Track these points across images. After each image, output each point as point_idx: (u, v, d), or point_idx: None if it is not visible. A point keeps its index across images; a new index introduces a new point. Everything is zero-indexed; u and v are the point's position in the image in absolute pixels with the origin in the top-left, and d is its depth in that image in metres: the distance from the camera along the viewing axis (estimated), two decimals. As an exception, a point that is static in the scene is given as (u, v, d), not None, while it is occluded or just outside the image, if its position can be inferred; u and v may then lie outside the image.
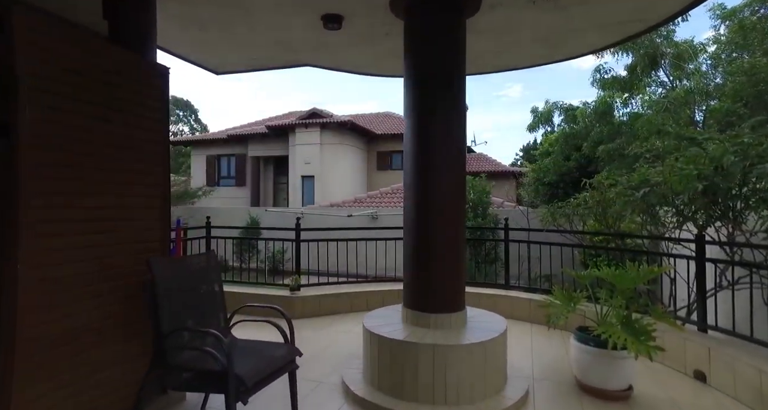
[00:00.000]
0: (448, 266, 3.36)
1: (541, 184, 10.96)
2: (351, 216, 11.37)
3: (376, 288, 6.00)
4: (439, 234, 3.33)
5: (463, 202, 3.57)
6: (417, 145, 3.41)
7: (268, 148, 20.51)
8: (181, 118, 44.58)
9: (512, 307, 5.38)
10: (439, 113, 3.35)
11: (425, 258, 3.36)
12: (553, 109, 10.62)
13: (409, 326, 3.34)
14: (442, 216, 3.34)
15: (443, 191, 3.35)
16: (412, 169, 3.42)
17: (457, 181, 3.41)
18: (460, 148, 3.48)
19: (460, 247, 3.44)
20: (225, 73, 5.28)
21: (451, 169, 3.37)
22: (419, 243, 3.39)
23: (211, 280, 2.81)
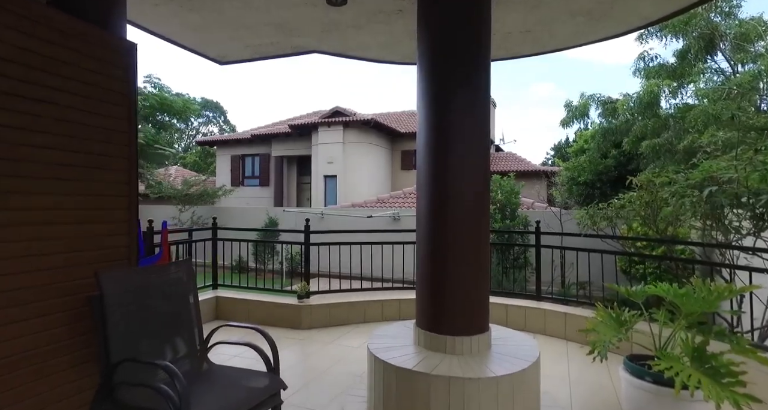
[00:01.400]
0: (467, 280, 2.82)
1: (575, 184, 10.13)
2: (371, 217, 10.90)
3: (393, 296, 5.48)
4: (458, 243, 2.79)
5: (487, 204, 3.02)
6: (432, 140, 2.89)
7: (291, 147, 20.35)
8: (210, 119, 45.50)
9: (545, 322, 4.75)
10: (458, 101, 2.82)
11: (440, 270, 2.83)
12: (590, 102, 9.73)
13: (421, 350, 2.82)
14: (460, 222, 2.80)
15: (462, 192, 2.82)
16: (426, 167, 2.91)
17: (478, 180, 2.86)
18: (483, 144, 2.93)
19: (482, 257, 2.88)
20: (229, 63, 4.90)
21: (472, 167, 2.84)
22: (433, 253, 2.86)
23: (185, 295, 2.38)
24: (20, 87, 1.92)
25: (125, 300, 2.03)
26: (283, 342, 4.50)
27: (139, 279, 2.16)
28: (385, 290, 5.71)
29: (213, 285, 5.69)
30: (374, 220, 10.94)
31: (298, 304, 5.03)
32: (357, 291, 5.68)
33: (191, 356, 2.32)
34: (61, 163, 2.09)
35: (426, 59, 2.95)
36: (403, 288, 5.72)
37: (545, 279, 5.50)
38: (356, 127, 18.29)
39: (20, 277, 1.93)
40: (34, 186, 1.99)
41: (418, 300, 3.03)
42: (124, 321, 1.99)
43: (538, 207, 11.35)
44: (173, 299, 2.31)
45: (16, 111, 1.91)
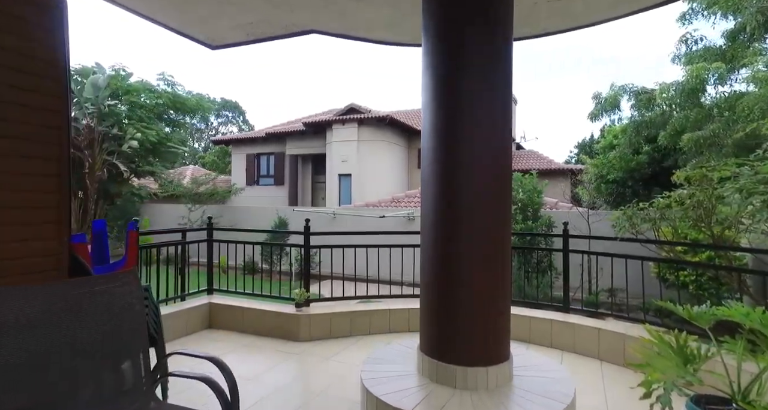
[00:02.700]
0: (484, 295, 2.27)
1: (603, 182, 9.35)
2: (384, 217, 10.38)
3: (401, 305, 4.94)
4: (473, 249, 2.25)
5: (508, 202, 2.46)
6: (439, 125, 2.35)
7: (306, 145, 20.02)
8: (230, 119, 45.86)
9: (574, 338, 4.13)
10: (474, 82, 2.28)
11: (449, 283, 2.29)
12: (621, 93, 8.91)
13: (425, 383, 2.28)
14: (476, 223, 2.25)
15: (476, 186, 2.27)
16: (431, 161, 2.38)
17: (497, 173, 2.31)
18: (503, 133, 2.38)
19: (503, 267, 2.33)
20: (221, 47, 4.46)
21: (490, 158, 2.29)
22: (441, 261, 2.33)
23: (126, 315, 1.90)
24: None
25: (24, 325, 1.56)
26: (276, 357, 4.03)
27: (53, 297, 1.69)
28: (393, 298, 5.18)
29: (208, 290, 5.27)
30: (387, 221, 10.42)
31: (296, 313, 4.54)
32: (362, 299, 5.17)
33: (132, 392, 1.85)
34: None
35: (433, 34, 2.42)
36: (413, 295, 5.17)
37: (571, 285, 4.88)
38: (371, 124, 17.81)
39: None
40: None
41: (423, 319, 2.49)
42: (16, 354, 1.52)
43: (563, 208, 10.62)
44: (109, 320, 1.84)
45: None
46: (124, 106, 13.78)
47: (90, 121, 12.73)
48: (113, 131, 12.89)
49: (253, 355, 4.06)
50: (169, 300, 4.82)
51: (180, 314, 4.59)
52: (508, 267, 2.45)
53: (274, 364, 3.84)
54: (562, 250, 4.70)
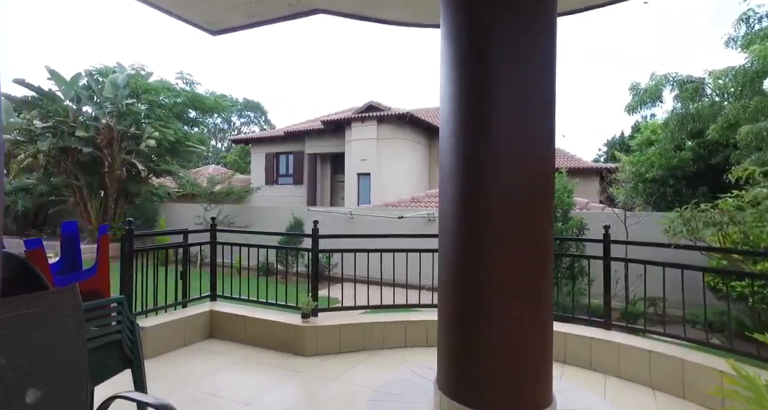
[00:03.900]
0: (519, 324, 1.78)
1: (641, 181, 8.59)
2: (402, 218, 9.91)
3: (419, 317, 4.47)
4: (502, 264, 1.76)
5: (549, 205, 1.96)
6: (461, 123, 1.88)
7: (325, 144, 19.73)
8: (252, 119, 46.31)
9: (619, 359, 3.57)
10: (503, 66, 1.80)
11: (474, 306, 1.81)
12: (663, 83, 8.09)
13: (442, 432, 1.80)
14: (508, 231, 1.77)
15: (510, 186, 1.79)
16: (452, 166, 1.91)
17: (534, 179, 1.83)
18: (543, 127, 1.90)
19: (543, 287, 1.83)
20: (222, 32, 4.09)
21: (523, 156, 1.82)
22: (464, 277, 1.85)
23: (59, 343, 1.50)
24: None
25: None
26: (277, 375, 3.62)
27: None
28: (410, 307, 4.71)
29: (211, 295, 4.92)
30: (406, 221, 9.94)
31: (302, 325, 4.13)
32: (375, 309, 4.72)
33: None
34: None
35: (454, 8, 1.95)
36: (431, 305, 4.68)
37: (600, 291, 4.31)
38: (391, 122, 17.35)
39: None
40: None
41: (441, 348, 2.02)
42: None
43: (594, 208, 9.90)
44: (36, 351, 1.44)
45: None
46: (143, 105, 13.77)
47: (109, 120, 12.74)
48: (131, 130, 12.87)
49: (252, 372, 3.67)
50: (169, 306, 4.49)
51: (178, 323, 4.24)
52: (549, 285, 1.94)
53: (274, 384, 3.44)
54: (602, 258, 4.12)
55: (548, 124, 1.94)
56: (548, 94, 1.93)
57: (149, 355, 3.89)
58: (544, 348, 1.93)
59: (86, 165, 12.99)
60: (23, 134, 13.11)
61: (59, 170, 13.31)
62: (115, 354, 2.46)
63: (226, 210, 12.36)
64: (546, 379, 1.90)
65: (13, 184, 14.29)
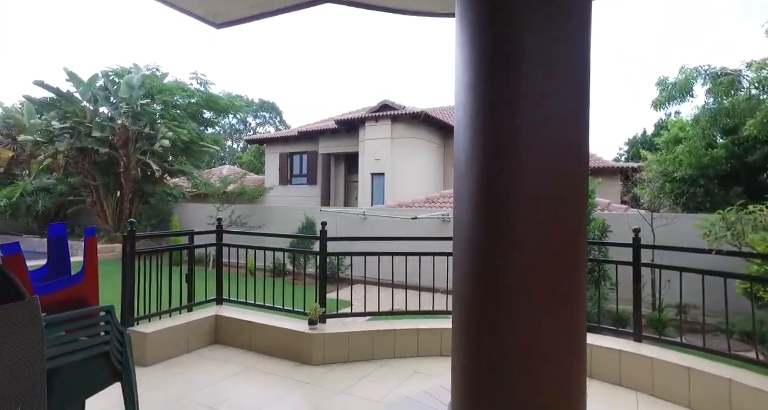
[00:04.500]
0: (544, 348, 1.53)
1: (668, 181, 8.14)
2: (416, 218, 9.65)
3: (431, 324, 4.23)
4: (525, 285, 1.51)
5: (583, 211, 1.70)
6: (479, 115, 1.64)
7: (338, 144, 19.58)
8: (267, 119, 46.64)
9: (652, 376, 3.26)
10: (530, 60, 1.55)
11: (492, 330, 1.57)
12: (694, 76, 7.60)
13: (457, 470, 1.56)
14: (526, 253, 1.52)
15: (537, 204, 1.54)
16: (468, 164, 1.68)
17: (565, 178, 1.59)
18: (575, 119, 1.65)
19: (576, 306, 1.58)
20: (226, 25, 3.92)
21: (553, 152, 1.57)
22: (481, 301, 1.61)
23: (14, 367, 1.31)
24: None
25: None
26: (282, 386, 3.42)
27: None
28: (423, 314, 4.46)
29: (217, 299, 4.76)
30: (420, 222, 9.68)
31: (309, 332, 3.92)
32: (387, 315, 4.48)
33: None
34: None
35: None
36: (445, 312, 4.43)
37: (625, 296, 4.00)
38: (405, 121, 17.08)
39: None
40: None
41: (456, 368, 1.78)
42: None
43: (616, 209, 9.47)
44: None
45: None
46: (157, 105, 13.83)
47: (125, 121, 12.82)
48: (146, 130, 12.93)
49: (256, 383, 3.48)
50: (174, 311, 4.34)
51: (181, 329, 4.09)
52: (582, 302, 1.68)
53: (278, 397, 3.24)
54: (631, 263, 3.81)
55: (582, 117, 1.68)
56: (582, 85, 1.68)
57: (150, 362, 3.75)
58: (578, 368, 1.67)
59: (102, 165, 13.11)
60: (42, 135, 13.31)
61: (77, 170, 13.47)
62: (103, 366, 2.29)
63: (238, 210, 12.28)
64: (579, 404, 1.64)
65: (34, 184, 14.54)
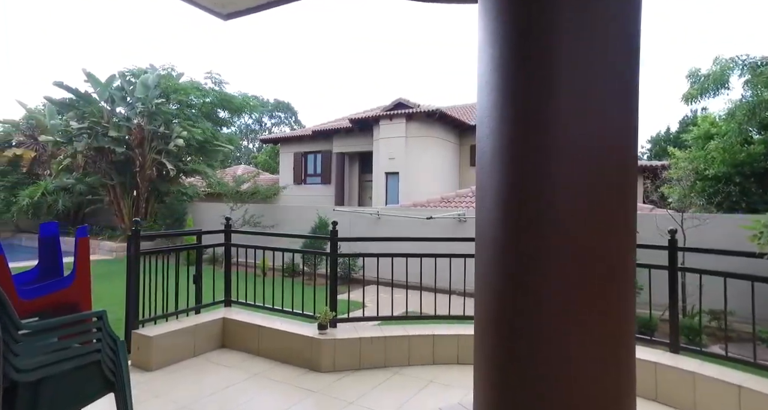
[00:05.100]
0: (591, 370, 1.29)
1: (700, 179, 7.69)
2: (431, 218, 9.39)
3: (448, 330, 3.99)
4: (564, 294, 1.28)
5: (630, 223, 1.46)
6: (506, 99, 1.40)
7: (352, 143, 19.43)
8: (282, 119, 46.92)
9: (694, 392, 2.95)
10: (568, 32, 1.31)
11: (524, 352, 1.33)
12: (730, 67, 7.10)
13: None
14: (564, 260, 1.29)
15: (578, 204, 1.31)
16: (494, 157, 1.45)
17: (611, 187, 1.35)
18: (625, 106, 1.40)
19: (617, 326, 1.34)
20: (233, 16, 3.75)
21: (602, 160, 1.34)
22: (510, 313, 1.38)
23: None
24: None
25: None
26: (289, 395, 3.23)
27: None
28: (439, 319, 4.22)
29: (225, 301, 4.61)
30: (435, 222, 9.42)
31: (318, 338, 3.72)
32: (400, 320, 4.26)
33: None
34: None
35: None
36: (463, 317, 4.18)
37: (655, 301, 3.68)
38: (420, 119, 16.82)
39: None
40: None
41: (479, 393, 1.55)
42: None
43: (641, 209, 9.04)
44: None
45: None
46: (172, 105, 13.90)
47: (140, 120, 12.90)
48: (161, 130, 12.99)
49: (262, 391, 3.30)
50: (180, 313, 4.21)
51: (188, 332, 3.94)
52: (631, 315, 1.44)
53: (284, 408, 3.04)
54: (667, 267, 3.50)
55: (630, 105, 1.43)
56: (631, 67, 1.42)
57: (155, 367, 3.61)
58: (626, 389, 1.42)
59: (119, 165, 13.23)
60: (62, 135, 13.51)
61: (95, 170, 13.63)
62: (95, 377, 2.12)
63: (252, 209, 12.23)
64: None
65: (55, 183, 14.78)
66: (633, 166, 1.41)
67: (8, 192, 15.92)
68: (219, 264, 4.79)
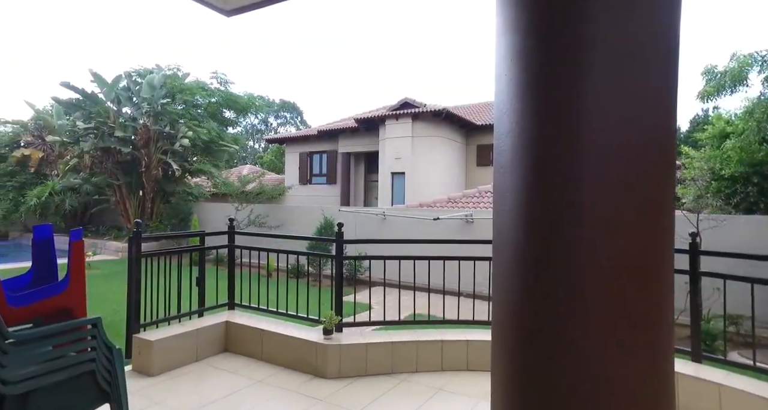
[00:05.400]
0: (629, 392, 1.16)
1: (715, 179, 7.48)
2: (438, 219, 9.26)
3: (457, 336, 3.86)
4: (596, 306, 1.15)
5: (668, 225, 1.33)
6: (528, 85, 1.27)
7: (358, 143, 19.33)
8: (288, 119, 46.97)
9: (721, 406, 2.79)
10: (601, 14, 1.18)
11: (544, 363, 1.20)
12: (749, 63, 6.88)
13: None
14: (596, 267, 1.15)
15: (609, 206, 1.18)
16: (515, 150, 1.33)
17: (646, 186, 1.22)
18: (664, 105, 1.28)
19: (655, 338, 1.21)
20: (236, 12, 3.64)
21: (636, 155, 1.21)
22: (535, 328, 1.25)
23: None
24: None
25: None
26: (293, 403, 3.12)
27: None
28: (447, 324, 4.09)
29: (228, 304, 4.52)
30: (442, 223, 9.28)
31: (323, 343, 3.61)
32: (408, 324, 4.14)
33: None
34: None
35: None
36: (472, 322, 4.05)
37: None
38: (426, 119, 16.67)
39: None
40: None
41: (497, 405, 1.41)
42: None
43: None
44: None
45: None
46: (178, 105, 13.88)
47: (146, 120, 12.89)
48: (166, 130, 12.97)
49: (266, 399, 3.19)
50: (183, 316, 4.12)
51: (190, 336, 3.84)
52: (669, 327, 1.31)
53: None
54: (688, 272, 3.34)
55: (669, 94, 1.29)
56: (671, 53, 1.29)
57: (156, 372, 3.51)
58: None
59: (125, 165, 13.23)
60: (69, 135, 13.54)
61: (101, 170, 13.65)
62: (88, 387, 2.02)
63: (257, 210, 12.16)
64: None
65: (62, 183, 14.82)
66: (672, 163, 1.27)
67: (17, 192, 16.01)
68: (224, 264, 4.70)
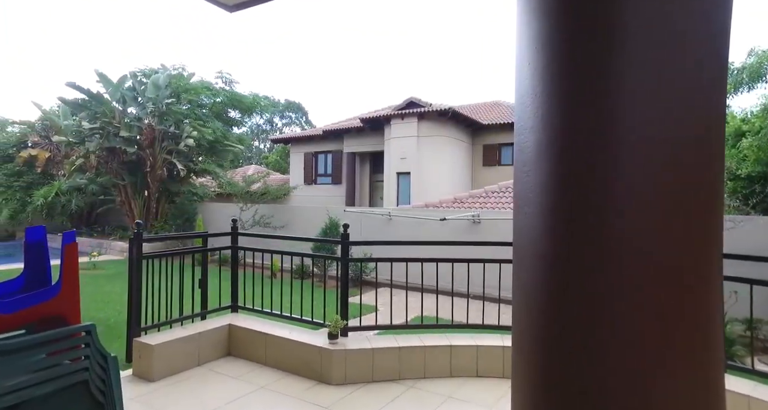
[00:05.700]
0: None
1: (732, 178, 7.29)
2: (445, 219, 9.12)
3: (466, 341, 3.73)
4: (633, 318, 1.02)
5: (715, 229, 1.20)
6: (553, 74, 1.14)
7: (363, 143, 19.22)
8: (293, 119, 46.96)
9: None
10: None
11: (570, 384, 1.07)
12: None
13: None
14: (631, 275, 1.03)
15: (648, 210, 1.05)
16: (539, 147, 1.20)
17: (689, 187, 1.08)
18: (713, 99, 1.13)
19: (702, 356, 1.08)
20: (239, 7, 3.54)
21: (681, 152, 1.08)
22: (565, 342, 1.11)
23: None
24: None
25: None
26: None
27: None
28: (456, 328, 3.97)
29: (232, 307, 4.42)
30: (448, 224, 9.14)
31: (328, 348, 3.49)
32: (415, 328, 4.02)
33: None
34: None
35: None
36: (482, 326, 3.91)
37: None
38: (432, 118, 16.53)
39: None
40: None
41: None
42: None
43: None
44: None
45: None
46: (183, 105, 13.85)
47: (151, 120, 12.86)
48: (171, 130, 12.93)
49: (268, 406, 3.08)
50: (186, 319, 4.02)
51: (192, 339, 3.75)
52: (718, 342, 1.19)
53: (291, 425, 2.82)
54: (709, 276, 3.17)
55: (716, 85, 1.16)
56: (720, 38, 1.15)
57: (156, 377, 3.42)
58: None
59: (130, 165, 13.21)
60: (75, 135, 13.54)
61: (107, 170, 13.64)
62: (82, 398, 1.92)
63: (262, 210, 12.08)
64: None
65: (68, 183, 14.85)
66: (720, 161, 1.14)
67: (24, 192, 16.06)
68: (227, 265, 4.61)
